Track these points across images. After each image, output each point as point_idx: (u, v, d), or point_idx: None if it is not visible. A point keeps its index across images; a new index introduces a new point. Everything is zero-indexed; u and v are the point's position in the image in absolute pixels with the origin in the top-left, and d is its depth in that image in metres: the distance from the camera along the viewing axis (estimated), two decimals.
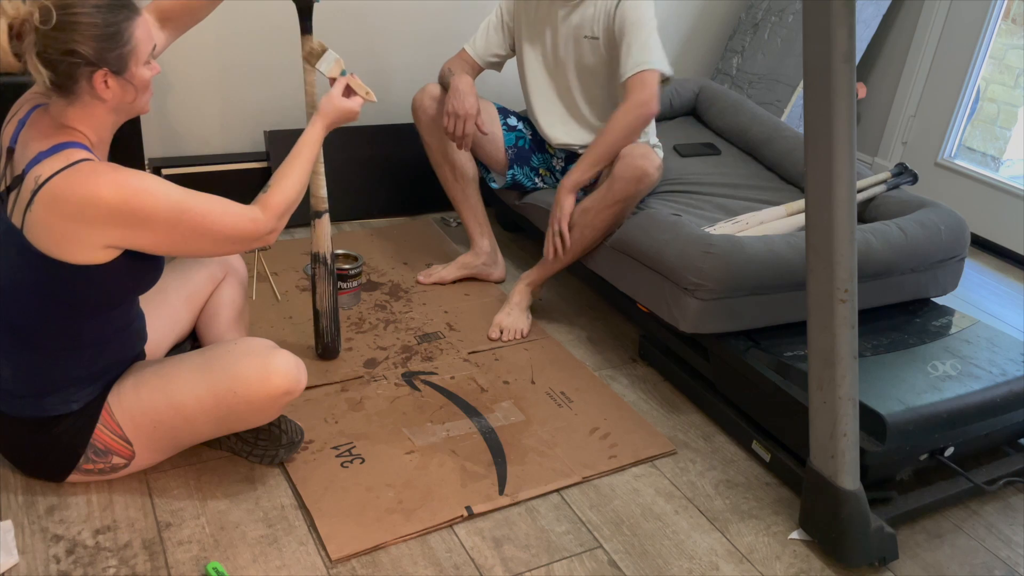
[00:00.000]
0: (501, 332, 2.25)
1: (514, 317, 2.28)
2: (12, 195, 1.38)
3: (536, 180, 2.50)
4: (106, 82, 1.34)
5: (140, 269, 1.45)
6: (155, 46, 1.42)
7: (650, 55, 2.14)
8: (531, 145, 2.49)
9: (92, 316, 1.45)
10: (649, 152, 2.15)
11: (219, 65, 2.60)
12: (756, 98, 3.23)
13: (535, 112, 2.42)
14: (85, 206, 1.31)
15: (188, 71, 2.57)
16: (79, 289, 1.39)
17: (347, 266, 2.27)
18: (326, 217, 1.94)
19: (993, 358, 1.93)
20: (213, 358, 1.54)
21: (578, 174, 2.19)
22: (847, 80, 1.37)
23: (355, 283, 2.31)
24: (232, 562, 1.48)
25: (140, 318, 1.60)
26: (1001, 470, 1.85)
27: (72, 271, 1.36)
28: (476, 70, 2.38)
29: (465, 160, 2.43)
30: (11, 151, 1.41)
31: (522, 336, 2.25)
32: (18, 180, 1.37)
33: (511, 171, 2.47)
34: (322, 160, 1.89)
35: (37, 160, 1.34)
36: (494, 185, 2.53)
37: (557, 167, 2.51)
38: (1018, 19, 3.19)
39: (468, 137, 2.27)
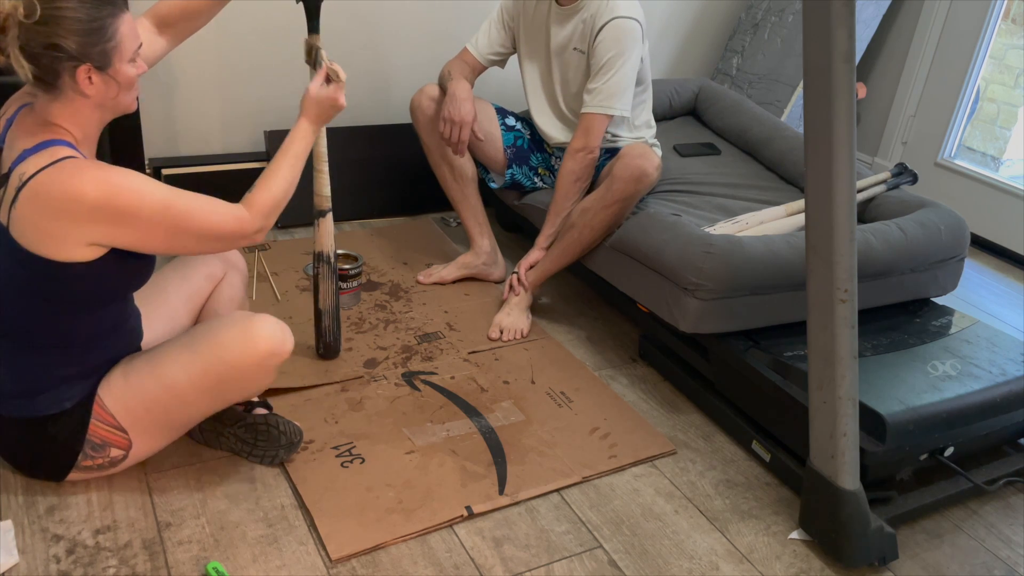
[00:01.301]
0: (501, 332, 2.25)
1: (514, 317, 2.28)
2: None
3: (535, 179, 2.50)
4: (90, 78, 1.34)
5: (128, 267, 1.45)
6: (140, 44, 1.42)
7: (610, 99, 2.18)
8: (530, 145, 2.49)
9: (82, 314, 1.45)
10: (647, 151, 2.15)
11: (219, 65, 2.60)
12: (756, 98, 3.23)
13: (532, 111, 2.42)
14: (68, 203, 1.31)
15: (188, 71, 2.57)
16: (66, 287, 1.39)
17: (347, 266, 2.26)
18: (329, 216, 1.94)
19: (993, 358, 1.93)
20: (197, 333, 1.54)
21: (548, 228, 2.29)
22: (847, 80, 1.37)
23: (355, 283, 2.31)
24: (232, 562, 1.49)
25: (135, 317, 1.60)
26: (1001, 470, 1.85)
27: (58, 269, 1.36)
28: (478, 70, 2.39)
29: (464, 160, 2.42)
30: None
31: (522, 336, 2.26)
32: (4, 178, 1.37)
33: (510, 170, 2.47)
34: (326, 159, 1.89)
35: (22, 158, 1.35)
36: (493, 185, 2.53)
37: (556, 166, 2.51)
38: (1018, 19, 3.19)
39: (463, 143, 2.28)
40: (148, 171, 2.56)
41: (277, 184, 1.53)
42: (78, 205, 1.31)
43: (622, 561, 1.59)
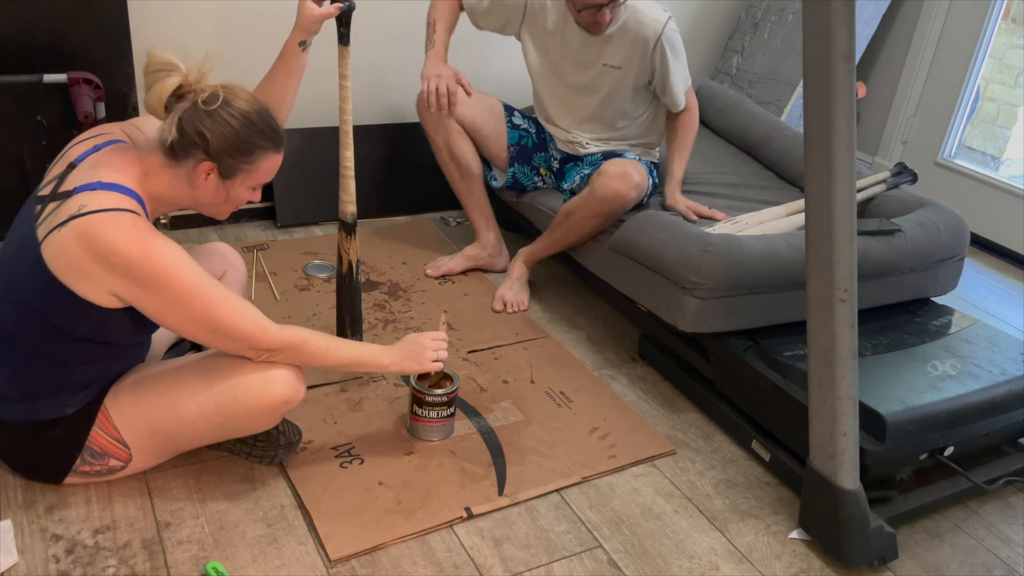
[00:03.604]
0: (505, 305, 2.35)
1: (516, 291, 2.38)
2: (51, 206, 1.39)
3: (536, 179, 2.50)
4: (208, 175, 1.42)
5: (132, 325, 1.46)
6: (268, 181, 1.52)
7: (688, 79, 2.33)
8: (534, 144, 2.49)
9: (77, 344, 1.45)
10: (627, 171, 2.15)
11: (220, 67, 2.59)
12: (756, 97, 3.23)
13: (545, 105, 2.43)
14: (108, 252, 1.33)
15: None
16: (71, 318, 1.40)
17: (439, 391, 1.81)
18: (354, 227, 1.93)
19: (993, 357, 1.93)
20: (214, 366, 1.54)
21: (679, 173, 2.35)
22: (847, 80, 1.37)
23: (448, 411, 1.83)
24: (232, 562, 1.48)
25: (140, 343, 1.60)
26: (1001, 470, 1.85)
27: (71, 300, 1.37)
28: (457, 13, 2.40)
29: (471, 158, 2.45)
30: (72, 166, 1.43)
31: (523, 308, 2.36)
32: (63, 195, 1.38)
33: (512, 168, 2.48)
34: (352, 175, 1.88)
35: (93, 187, 1.36)
36: (495, 183, 2.53)
37: (555, 168, 2.51)
38: (1018, 19, 3.19)
39: (455, 95, 2.31)
40: None
41: (316, 349, 1.53)
42: (117, 258, 1.34)
43: (622, 561, 1.58)
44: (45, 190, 1.43)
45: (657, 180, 2.43)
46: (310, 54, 1.73)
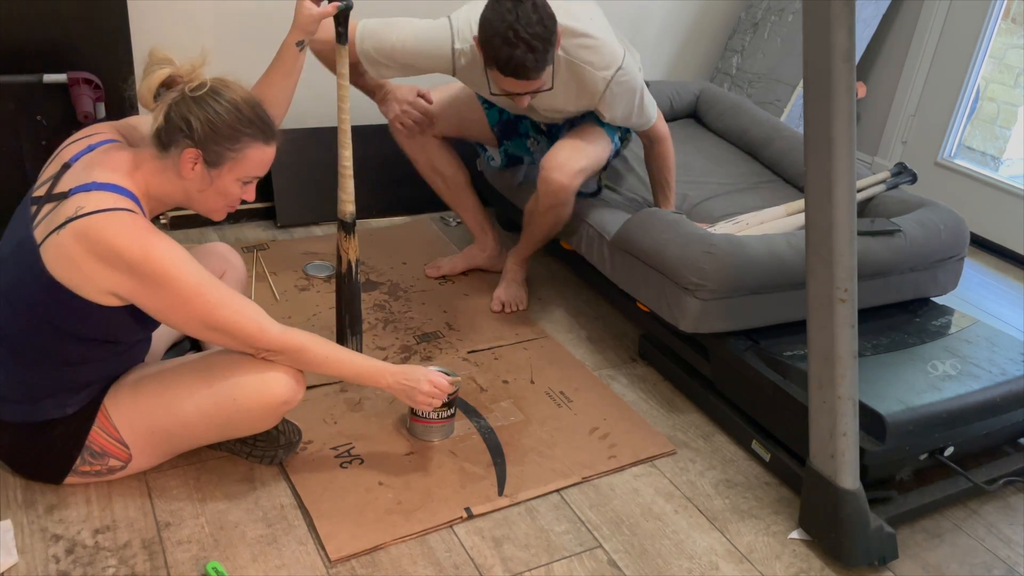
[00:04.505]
0: (503, 305, 2.35)
1: (512, 291, 2.39)
2: (47, 207, 1.39)
3: (528, 144, 2.47)
4: (194, 164, 1.41)
5: (134, 323, 1.46)
6: (260, 178, 1.50)
7: (650, 109, 2.17)
8: (515, 115, 2.45)
9: (79, 344, 1.45)
10: (565, 163, 2.11)
11: (218, 67, 2.59)
12: (756, 98, 3.23)
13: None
14: (108, 251, 1.34)
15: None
16: (73, 318, 1.40)
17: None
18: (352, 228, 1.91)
19: (993, 357, 1.93)
20: (214, 366, 1.54)
21: (668, 205, 2.33)
22: (847, 80, 1.37)
23: (448, 412, 1.84)
24: (232, 562, 1.48)
25: (141, 342, 1.60)
26: (1001, 470, 1.85)
27: (72, 300, 1.37)
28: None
29: (455, 169, 2.42)
30: (67, 166, 1.43)
31: (522, 307, 2.36)
32: (59, 197, 1.38)
33: (503, 146, 2.46)
34: (351, 175, 1.87)
35: (89, 187, 1.36)
36: (494, 164, 2.51)
37: (544, 128, 2.46)
38: (1018, 19, 3.19)
39: (427, 114, 2.27)
40: None
41: (317, 355, 1.52)
42: (118, 257, 1.34)
43: (622, 561, 1.58)
44: (40, 191, 1.43)
45: (621, 141, 2.38)
46: (308, 53, 1.73)
